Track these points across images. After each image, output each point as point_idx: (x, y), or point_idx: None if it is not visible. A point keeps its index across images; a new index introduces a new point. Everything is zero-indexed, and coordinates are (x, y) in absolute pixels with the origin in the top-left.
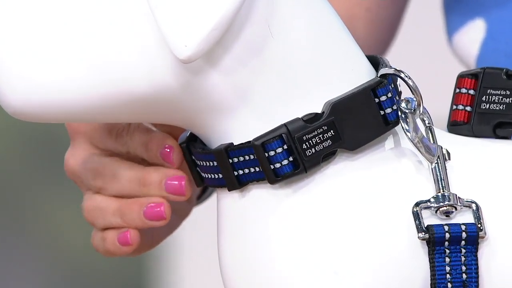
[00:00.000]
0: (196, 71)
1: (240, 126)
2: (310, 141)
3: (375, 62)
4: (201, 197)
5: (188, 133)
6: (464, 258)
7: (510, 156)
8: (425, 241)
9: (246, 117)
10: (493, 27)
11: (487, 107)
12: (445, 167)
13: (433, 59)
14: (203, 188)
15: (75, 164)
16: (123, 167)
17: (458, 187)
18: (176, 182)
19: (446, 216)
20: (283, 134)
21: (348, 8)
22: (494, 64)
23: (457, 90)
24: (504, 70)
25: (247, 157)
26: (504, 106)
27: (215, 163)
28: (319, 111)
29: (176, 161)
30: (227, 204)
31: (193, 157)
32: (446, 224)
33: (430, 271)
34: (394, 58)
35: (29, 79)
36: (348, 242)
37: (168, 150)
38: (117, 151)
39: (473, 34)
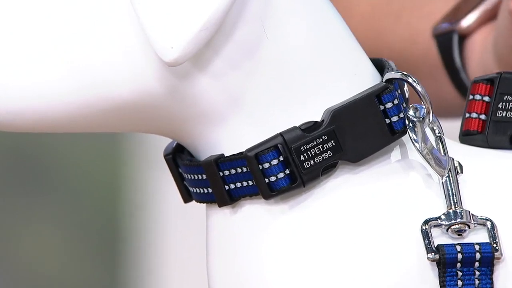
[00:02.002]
0: (183, 75)
1: (231, 135)
2: (308, 152)
3: (380, 65)
4: None
5: (174, 144)
6: (478, 281)
7: None
8: (435, 263)
9: (239, 125)
10: None
11: (504, 115)
12: (457, 181)
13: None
14: None
15: None
16: None
17: (472, 203)
18: None
19: (458, 235)
20: (278, 145)
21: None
22: None
23: (471, 97)
24: None
25: (239, 170)
26: None
27: (204, 177)
28: (318, 119)
29: None
30: (217, 221)
31: (180, 170)
32: (458, 244)
33: None
34: None
35: (0, 84)
36: (350, 264)
37: None
38: None
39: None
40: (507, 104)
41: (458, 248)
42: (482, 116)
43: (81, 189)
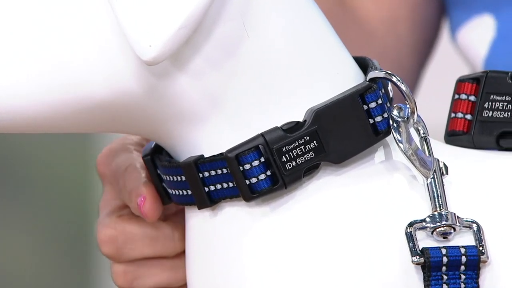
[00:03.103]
0: (162, 74)
1: (211, 136)
2: (290, 153)
3: (364, 64)
4: None
5: (153, 145)
6: (463, 285)
7: None
8: (420, 266)
9: (219, 126)
10: (503, 26)
11: (490, 114)
12: (442, 182)
13: (432, 61)
14: None
15: (100, 211)
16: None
17: (457, 205)
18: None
19: (444, 237)
20: (260, 145)
21: (391, 11)
22: (505, 68)
23: (456, 96)
24: (510, 73)
25: (219, 171)
26: (509, 113)
27: (183, 178)
28: (301, 119)
29: (148, 214)
30: (197, 224)
31: (158, 171)
32: (443, 247)
33: None
34: None
35: None
36: (333, 267)
37: (141, 200)
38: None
39: (481, 32)
40: (494, 103)
41: (444, 251)
42: (468, 116)
43: (51, 191)
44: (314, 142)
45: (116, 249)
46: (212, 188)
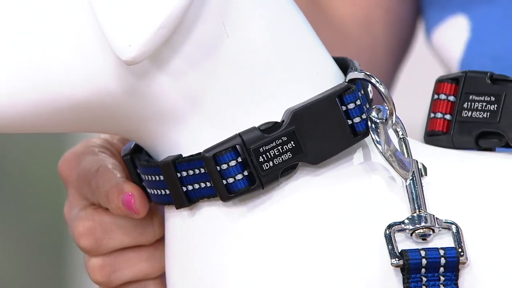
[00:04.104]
0: (142, 74)
1: (190, 136)
2: (267, 154)
3: (345, 65)
4: None
5: (132, 144)
6: (443, 287)
7: (494, 171)
8: (399, 268)
9: (198, 126)
10: (478, 26)
11: (469, 115)
12: (421, 183)
13: (408, 61)
14: None
15: (66, 215)
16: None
17: (436, 206)
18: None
19: (423, 239)
20: (237, 145)
21: (366, 12)
22: (480, 69)
23: (436, 96)
24: (488, 73)
25: (197, 171)
26: (488, 114)
27: (162, 178)
28: (279, 119)
29: (140, 209)
30: (175, 224)
31: (138, 171)
32: (422, 249)
33: None
34: None
35: None
36: (311, 269)
37: (129, 197)
38: (96, 202)
39: (455, 33)
40: (473, 104)
41: (423, 253)
42: (447, 116)
43: (25, 190)
44: (292, 142)
45: (95, 241)
46: (190, 187)
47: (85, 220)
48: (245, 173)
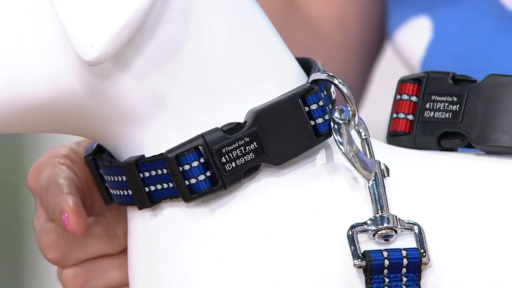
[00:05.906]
0: (104, 74)
1: (153, 137)
2: (230, 154)
3: (308, 66)
4: None
5: (95, 145)
6: None
7: (456, 171)
8: (361, 269)
9: (161, 126)
10: (440, 27)
11: (431, 115)
12: (384, 184)
13: (379, 59)
14: None
15: (35, 225)
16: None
17: (398, 207)
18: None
19: (385, 240)
20: (199, 146)
21: (340, 10)
22: (442, 69)
23: (398, 97)
24: (451, 74)
25: (159, 171)
26: (450, 114)
27: (124, 178)
28: (242, 120)
29: (75, 229)
30: (138, 225)
31: (101, 171)
32: (385, 250)
33: None
34: None
35: None
36: (273, 269)
37: (65, 218)
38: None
39: (418, 34)
40: (435, 104)
41: (385, 254)
42: (410, 117)
43: None
44: (254, 143)
45: (60, 253)
46: (152, 188)
47: (50, 233)
48: (208, 173)
